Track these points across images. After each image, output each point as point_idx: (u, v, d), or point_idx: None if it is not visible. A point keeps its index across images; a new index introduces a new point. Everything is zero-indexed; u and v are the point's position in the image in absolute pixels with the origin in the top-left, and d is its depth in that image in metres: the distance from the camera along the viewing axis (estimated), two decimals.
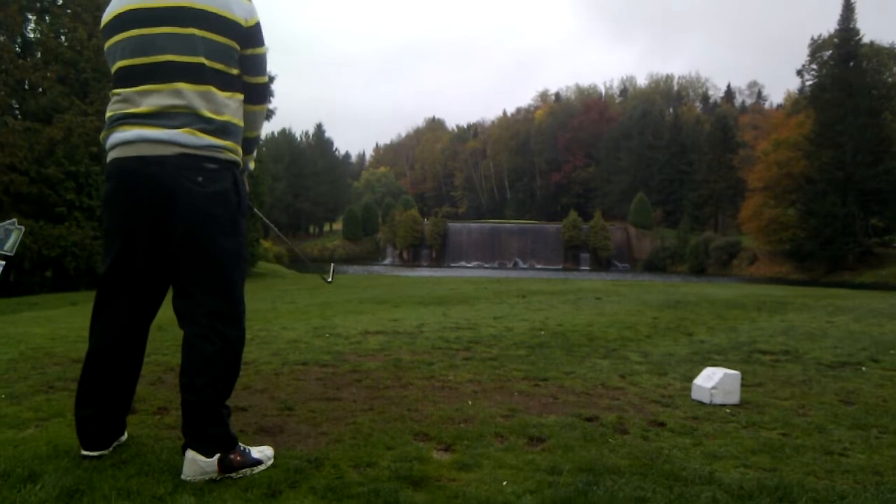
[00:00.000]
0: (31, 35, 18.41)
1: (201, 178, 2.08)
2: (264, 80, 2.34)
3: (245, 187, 2.29)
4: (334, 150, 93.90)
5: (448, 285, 13.84)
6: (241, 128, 2.25)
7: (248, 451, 2.12)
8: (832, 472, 2.26)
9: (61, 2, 18.69)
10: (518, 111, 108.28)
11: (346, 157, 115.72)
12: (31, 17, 18.12)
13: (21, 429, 2.57)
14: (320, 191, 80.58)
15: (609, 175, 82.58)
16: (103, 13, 2.22)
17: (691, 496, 1.97)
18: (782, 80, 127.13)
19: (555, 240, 70.40)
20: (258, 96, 2.34)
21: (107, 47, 2.20)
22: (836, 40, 48.87)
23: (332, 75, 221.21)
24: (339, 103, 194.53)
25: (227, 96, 2.16)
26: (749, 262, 52.53)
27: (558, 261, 68.34)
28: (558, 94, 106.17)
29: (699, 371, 3.48)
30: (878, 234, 46.14)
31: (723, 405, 3.15)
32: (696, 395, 3.30)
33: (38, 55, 18.04)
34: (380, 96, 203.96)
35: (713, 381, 3.22)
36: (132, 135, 2.08)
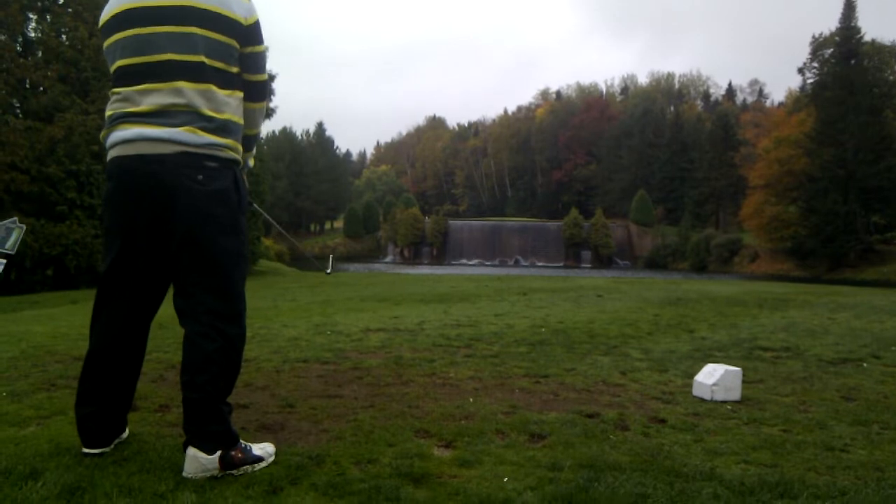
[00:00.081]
0: (32, 34, 18.45)
1: (201, 176, 2.07)
2: (264, 77, 2.34)
3: (245, 185, 2.29)
4: (335, 148, 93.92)
5: (449, 283, 13.84)
6: (242, 126, 2.25)
7: (249, 448, 2.12)
8: (833, 468, 2.26)
9: (62, 1, 18.70)
10: (519, 109, 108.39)
11: (347, 155, 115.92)
12: (32, 16, 18.15)
13: (22, 426, 2.57)
14: (321, 189, 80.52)
15: (610, 173, 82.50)
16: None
17: (692, 492, 1.97)
18: (783, 78, 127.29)
19: (556, 237, 70.40)
20: (258, 94, 2.34)
21: (105, 46, 2.20)
22: (837, 38, 48.84)
23: (332, 75, 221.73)
24: (339, 102, 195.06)
25: (228, 94, 2.16)
26: (750, 259, 52.48)
27: (559, 258, 68.36)
28: (559, 93, 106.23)
29: (700, 368, 3.48)
30: (879, 232, 46.09)
31: (724, 402, 3.15)
32: (697, 391, 3.30)
33: (39, 54, 18.07)
34: (380, 95, 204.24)
35: (714, 378, 3.22)
36: (132, 133, 2.08)
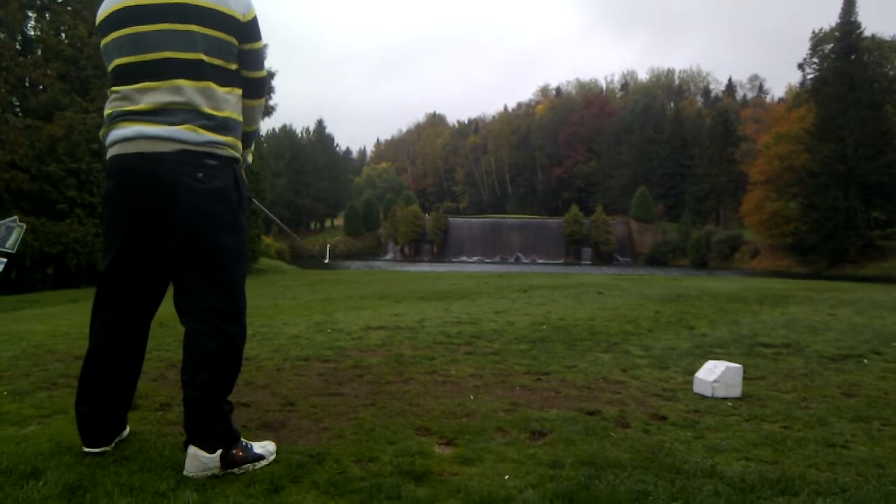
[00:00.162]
0: (32, 32, 18.42)
1: (201, 174, 2.07)
2: (263, 74, 2.34)
3: (245, 183, 2.29)
4: (335, 146, 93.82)
5: (449, 280, 13.83)
6: (241, 123, 2.24)
7: (250, 447, 2.12)
8: (834, 464, 2.26)
9: None
10: (519, 106, 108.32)
11: (347, 152, 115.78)
12: (31, 14, 18.13)
13: (23, 425, 2.57)
14: (321, 187, 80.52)
15: (610, 169, 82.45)
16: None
17: (693, 489, 1.97)
18: (784, 74, 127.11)
19: (556, 234, 70.38)
20: (256, 90, 2.33)
21: (103, 45, 2.19)
22: (837, 34, 48.78)
23: (332, 72, 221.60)
24: (339, 100, 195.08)
25: (227, 92, 2.16)
26: (751, 255, 52.47)
27: (560, 255, 68.36)
28: (559, 89, 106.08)
29: (701, 364, 3.48)
30: (880, 227, 46.10)
31: (725, 398, 3.15)
32: (697, 388, 3.30)
33: (39, 52, 18.05)
34: (380, 92, 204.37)
35: (715, 375, 3.22)
36: (131, 131, 2.07)
